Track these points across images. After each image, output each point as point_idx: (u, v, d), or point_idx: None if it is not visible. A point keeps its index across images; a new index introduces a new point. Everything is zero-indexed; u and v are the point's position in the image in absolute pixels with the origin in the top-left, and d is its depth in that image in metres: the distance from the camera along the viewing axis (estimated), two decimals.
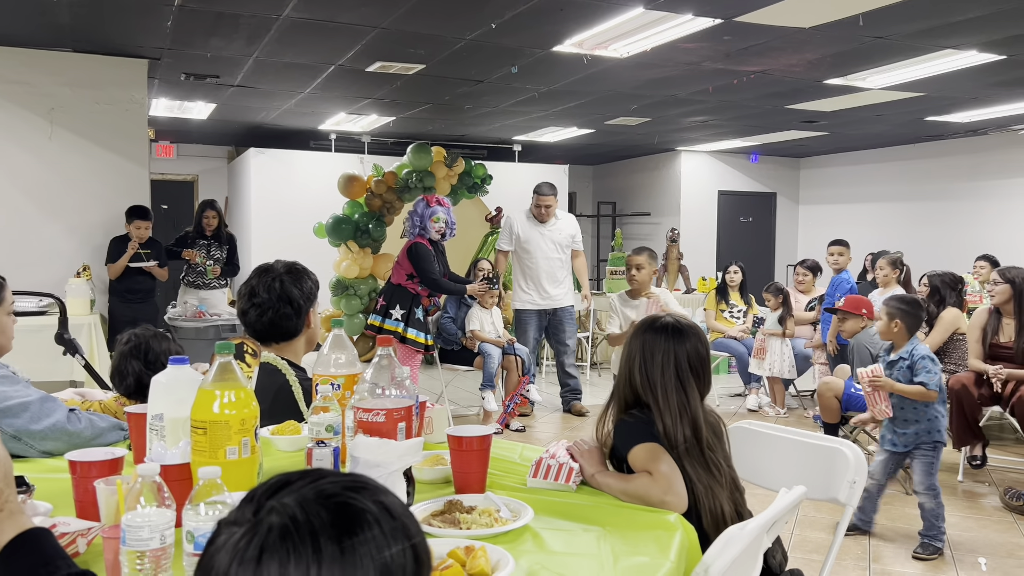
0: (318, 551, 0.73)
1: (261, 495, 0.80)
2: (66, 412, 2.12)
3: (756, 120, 9.25)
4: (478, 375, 6.30)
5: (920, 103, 8.00)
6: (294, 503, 0.77)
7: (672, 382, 1.98)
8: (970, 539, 3.94)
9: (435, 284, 5.85)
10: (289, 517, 0.75)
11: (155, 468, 1.27)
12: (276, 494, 0.79)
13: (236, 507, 0.81)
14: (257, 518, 0.76)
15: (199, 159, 12.26)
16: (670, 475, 1.82)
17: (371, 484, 0.81)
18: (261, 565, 0.73)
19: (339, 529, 0.75)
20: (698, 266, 11.43)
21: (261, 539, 0.74)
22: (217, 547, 0.77)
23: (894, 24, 5.27)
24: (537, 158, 12.61)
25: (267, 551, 0.74)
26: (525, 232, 6.53)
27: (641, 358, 2.01)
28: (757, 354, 6.75)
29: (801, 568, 2.09)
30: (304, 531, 0.74)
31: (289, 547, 0.73)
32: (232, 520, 0.79)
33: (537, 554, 1.50)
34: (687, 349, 2.01)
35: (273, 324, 2.43)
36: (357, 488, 0.80)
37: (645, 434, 1.93)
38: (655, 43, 5.76)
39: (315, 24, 5.48)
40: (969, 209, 10.66)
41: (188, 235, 6.89)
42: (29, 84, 6.13)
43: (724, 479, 1.95)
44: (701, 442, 1.94)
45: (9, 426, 2.03)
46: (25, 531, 1.17)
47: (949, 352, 5.45)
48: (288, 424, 2.11)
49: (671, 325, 2.05)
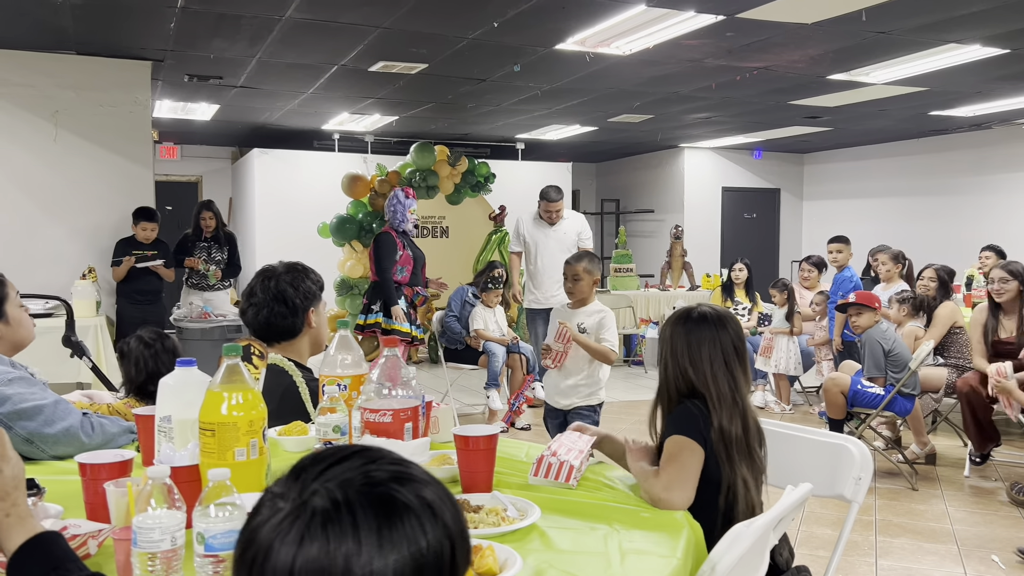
0: (358, 540, 0.76)
1: (308, 473, 0.82)
2: (79, 417, 2.12)
3: (759, 116, 9.24)
4: (483, 374, 6.31)
5: (924, 98, 7.98)
6: (338, 488, 0.79)
7: (721, 370, 1.96)
8: (977, 534, 3.94)
9: (383, 280, 5.73)
10: (332, 502, 0.78)
11: (165, 470, 1.28)
12: (324, 473, 0.81)
13: (284, 478, 0.83)
14: (302, 499, 0.79)
15: (203, 160, 12.29)
16: (676, 474, 1.82)
17: (418, 476, 0.84)
18: (303, 546, 0.76)
19: (379, 521, 0.78)
20: (702, 263, 11.43)
21: (305, 522, 0.78)
22: (261, 520, 0.80)
23: (897, 19, 5.26)
24: (540, 156, 12.61)
25: (308, 534, 0.77)
26: (532, 234, 6.56)
27: (688, 351, 1.99)
28: (764, 352, 6.75)
29: (808, 565, 2.10)
30: (346, 520, 0.77)
31: (330, 533, 0.77)
32: (279, 493, 0.81)
33: (544, 553, 1.50)
34: (730, 336, 2.00)
35: (269, 323, 2.44)
36: (403, 480, 0.82)
37: (692, 427, 1.91)
38: (657, 40, 5.76)
39: (317, 24, 5.48)
40: (974, 203, 10.64)
41: (188, 238, 6.86)
42: (33, 87, 6.15)
43: (763, 467, 1.95)
44: (749, 434, 1.94)
45: (23, 428, 2.03)
46: (35, 536, 1.18)
47: (948, 347, 5.45)
48: (295, 425, 2.12)
49: (710, 314, 2.03)
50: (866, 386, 4.82)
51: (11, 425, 2.02)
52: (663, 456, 1.88)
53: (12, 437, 2.00)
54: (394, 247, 5.74)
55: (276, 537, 0.78)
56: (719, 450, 1.90)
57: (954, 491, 4.60)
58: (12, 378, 2.07)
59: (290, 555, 0.76)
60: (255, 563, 0.78)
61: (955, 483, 4.75)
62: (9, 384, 2.05)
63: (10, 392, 2.03)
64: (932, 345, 5.07)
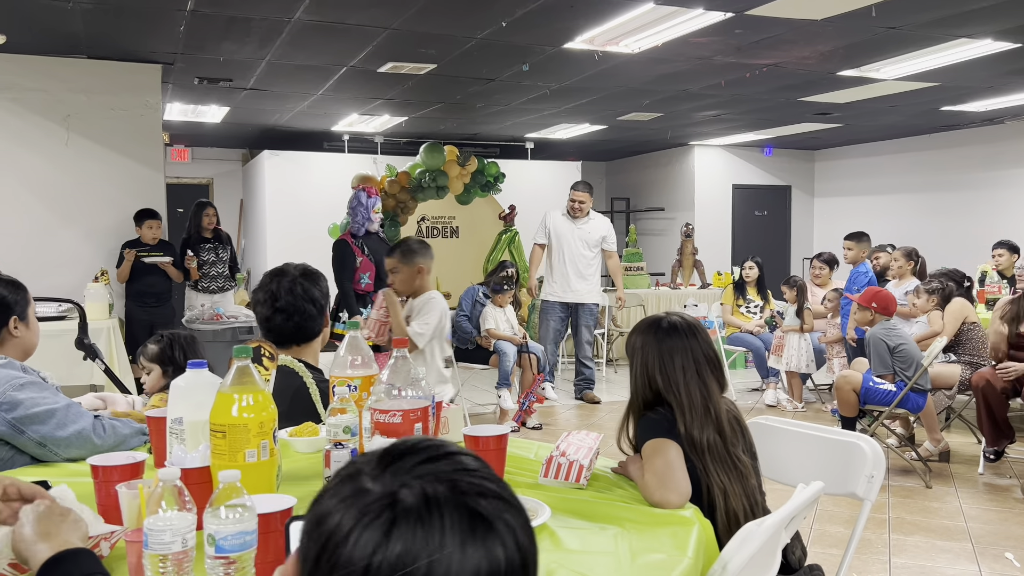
0: (443, 544, 0.75)
1: (401, 464, 0.80)
2: (91, 420, 2.14)
3: (769, 113, 9.20)
4: (493, 373, 6.31)
5: (935, 93, 7.93)
6: (431, 489, 0.78)
7: (694, 380, 1.98)
8: (991, 531, 3.91)
9: (342, 291, 5.64)
10: (423, 501, 0.77)
11: (176, 472, 1.29)
12: (416, 468, 0.80)
13: (376, 459, 0.81)
14: (392, 489, 0.77)
15: (214, 162, 12.33)
16: (663, 470, 1.81)
17: (505, 496, 0.82)
18: (389, 538, 0.75)
19: (463, 530, 0.76)
20: (713, 261, 11.39)
21: (394, 514, 0.76)
22: (342, 497, 0.78)
23: (907, 14, 5.23)
24: (550, 155, 12.60)
25: (396, 529, 0.75)
26: (557, 228, 6.78)
27: (660, 361, 2.01)
28: (776, 350, 6.73)
29: (820, 563, 2.09)
30: (435, 523, 0.75)
31: (418, 533, 0.75)
32: (370, 474, 0.79)
33: (554, 552, 1.50)
34: (700, 345, 2.02)
35: (300, 328, 2.42)
36: (487, 495, 0.80)
37: (660, 430, 1.93)
38: (666, 38, 5.74)
39: (326, 26, 5.50)
40: (987, 199, 10.56)
41: (190, 239, 6.82)
42: (45, 91, 6.19)
43: (748, 472, 1.94)
44: (724, 438, 1.94)
45: (36, 432, 2.05)
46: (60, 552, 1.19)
47: (962, 344, 5.42)
48: (306, 426, 2.12)
49: (680, 323, 2.05)
50: (878, 383, 4.79)
51: (24, 429, 2.04)
52: (644, 462, 1.88)
53: (25, 441, 2.04)
54: (350, 256, 5.66)
55: (358, 525, 0.76)
56: (692, 458, 1.90)
57: (968, 488, 4.57)
58: (24, 383, 2.10)
59: (369, 546, 0.74)
60: (328, 545, 0.76)
61: (969, 480, 4.72)
62: (21, 389, 2.07)
63: (22, 397, 2.06)
64: (944, 342, 5.04)
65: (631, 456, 2.00)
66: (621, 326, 9.00)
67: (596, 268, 6.87)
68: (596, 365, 7.26)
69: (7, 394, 2.05)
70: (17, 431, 2.04)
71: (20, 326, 2.29)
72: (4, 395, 2.05)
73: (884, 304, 4.99)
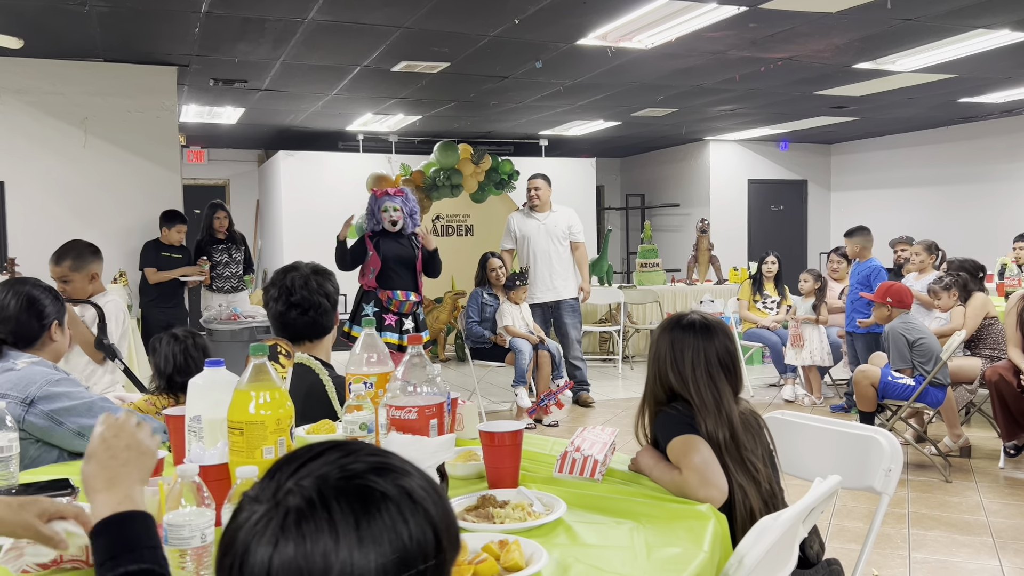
0: (335, 537, 0.75)
1: (282, 472, 0.81)
2: (123, 412, 2.20)
3: (784, 107, 9.15)
4: (510, 371, 6.31)
5: (952, 85, 7.86)
6: (313, 485, 0.78)
7: (704, 379, 1.97)
8: (1013, 526, 3.88)
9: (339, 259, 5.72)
10: (306, 500, 0.77)
11: (194, 469, 1.31)
12: (298, 471, 0.80)
13: (259, 482, 0.82)
14: (276, 499, 0.78)
15: (230, 163, 12.41)
16: (703, 468, 1.82)
17: (397, 466, 0.82)
18: (278, 547, 0.75)
19: (356, 513, 0.76)
20: (729, 256, 11.35)
21: (279, 521, 0.76)
22: (238, 524, 0.79)
23: (923, 5, 5.19)
24: (564, 152, 12.59)
25: (284, 533, 0.75)
26: (522, 228, 6.63)
27: (671, 357, 2.01)
28: (794, 342, 6.67)
29: (839, 558, 2.08)
30: (321, 516, 0.76)
31: (305, 531, 0.75)
32: (254, 497, 0.80)
33: (570, 547, 1.51)
34: (716, 347, 2.01)
35: (315, 322, 2.44)
36: (381, 470, 0.80)
37: (684, 426, 1.92)
38: (679, 33, 5.73)
39: (340, 26, 5.52)
40: (1006, 191, 10.46)
41: (204, 241, 6.86)
42: (63, 95, 6.25)
43: (761, 476, 1.94)
44: (738, 441, 1.94)
45: (74, 423, 2.19)
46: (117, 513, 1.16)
47: (983, 338, 5.37)
48: (323, 423, 2.13)
49: (698, 322, 2.05)
50: (896, 377, 4.76)
51: (63, 420, 2.19)
52: (674, 458, 1.88)
53: (63, 432, 2.20)
54: (343, 252, 5.68)
55: (252, 539, 0.76)
56: None
57: (988, 483, 4.54)
58: (59, 379, 2.26)
59: (266, 556, 0.75)
60: (233, 567, 0.77)
61: (989, 475, 4.68)
62: (57, 384, 2.24)
63: (60, 391, 2.22)
64: (964, 336, 5.00)
65: (644, 447, 2.00)
66: (637, 323, 8.98)
67: (569, 261, 6.65)
68: (611, 364, 7.19)
69: (45, 388, 2.20)
70: (56, 423, 2.18)
71: (58, 332, 2.45)
72: (42, 390, 2.19)
73: (899, 297, 4.95)
